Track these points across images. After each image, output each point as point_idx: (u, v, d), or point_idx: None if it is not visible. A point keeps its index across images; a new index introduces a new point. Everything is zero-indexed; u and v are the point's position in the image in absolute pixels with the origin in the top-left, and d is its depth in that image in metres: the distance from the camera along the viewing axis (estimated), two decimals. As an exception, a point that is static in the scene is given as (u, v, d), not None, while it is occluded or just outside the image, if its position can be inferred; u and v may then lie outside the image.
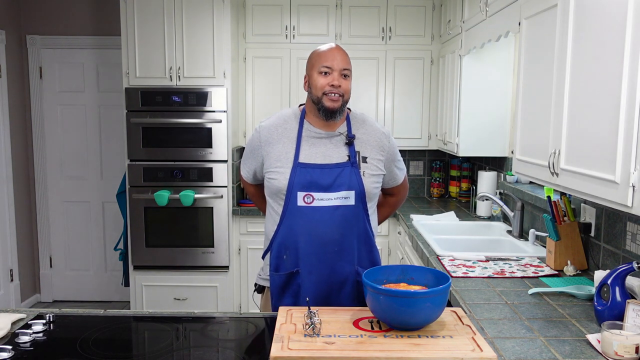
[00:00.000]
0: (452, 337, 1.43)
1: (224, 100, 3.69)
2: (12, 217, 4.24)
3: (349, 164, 1.87)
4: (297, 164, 1.85)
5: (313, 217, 1.84)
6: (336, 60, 1.85)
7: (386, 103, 4.10)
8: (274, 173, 1.88)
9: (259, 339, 1.61)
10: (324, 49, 1.89)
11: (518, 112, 2.23)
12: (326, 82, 1.84)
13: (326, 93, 1.84)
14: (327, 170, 1.85)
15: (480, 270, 2.24)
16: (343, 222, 1.85)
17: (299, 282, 1.87)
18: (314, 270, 1.86)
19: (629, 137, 1.42)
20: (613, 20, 1.49)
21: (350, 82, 1.90)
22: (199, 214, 3.77)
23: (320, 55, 1.88)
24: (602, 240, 2.18)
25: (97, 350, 1.48)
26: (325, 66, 1.85)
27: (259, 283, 2.05)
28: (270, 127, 1.94)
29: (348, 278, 1.89)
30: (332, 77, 1.84)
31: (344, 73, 1.86)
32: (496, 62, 3.35)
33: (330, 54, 1.86)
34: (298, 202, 1.84)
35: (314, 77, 1.87)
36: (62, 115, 4.50)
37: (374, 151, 1.94)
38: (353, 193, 1.86)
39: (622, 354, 1.39)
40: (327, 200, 1.84)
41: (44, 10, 4.40)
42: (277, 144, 1.91)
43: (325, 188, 1.84)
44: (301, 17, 4.00)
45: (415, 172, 4.48)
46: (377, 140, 1.96)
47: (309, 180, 1.84)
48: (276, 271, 1.90)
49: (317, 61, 1.87)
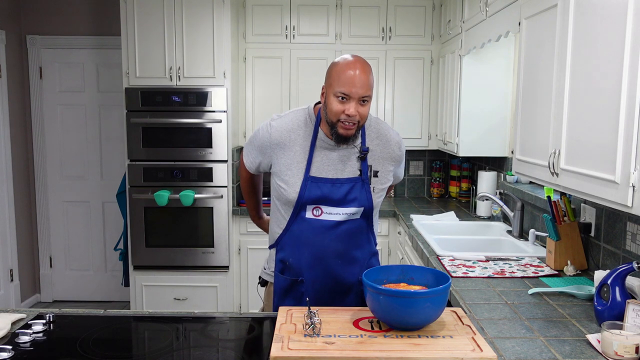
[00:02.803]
0: (452, 337, 1.43)
1: (224, 100, 3.69)
2: (12, 217, 4.24)
3: (360, 180, 1.83)
4: (308, 177, 1.81)
5: (318, 230, 1.83)
6: (355, 87, 1.69)
7: (386, 103, 4.09)
8: (283, 182, 1.84)
9: (259, 339, 1.61)
10: (344, 69, 1.71)
11: (518, 112, 2.23)
12: (342, 109, 1.71)
13: (341, 120, 1.73)
14: (338, 185, 1.81)
15: (480, 270, 2.24)
16: (348, 235, 1.85)
17: (302, 290, 1.87)
18: (317, 280, 1.86)
19: (629, 137, 1.42)
20: (613, 20, 1.49)
21: (369, 105, 1.76)
22: (199, 214, 3.77)
23: (340, 77, 1.71)
24: (602, 240, 2.18)
25: (97, 350, 1.47)
26: (343, 93, 1.70)
27: (263, 277, 2.04)
28: (283, 129, 1.85)
29: (352, 288, 1.89)
30: (350, 106, 1.70)
31: (364, 99, 1.72)
32: (496, 62, 3.35)
33: (350, 79, 1.69)
34: (307, 214, 1.83)
35: (330, 99, 1.73)
36: (62, 115, 4.50)
37: (385, 163, 1.90)
38: (361, 210, 1.84)
39: (622, 354, 1.39)
40: (335, 215, 1.83)
41: (44, 10, 4.40)
42: (289, 150, 1.84)
43: (336, 203, 1.81)
44: (301, 17, 4.00)
45: (415, 172, 4.48)
46: (390, 152, 1.91)
47: (319, 195, 1.80)
48: (281, 273, 1.90)
49: (336, 82, 1.71)
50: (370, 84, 1.74)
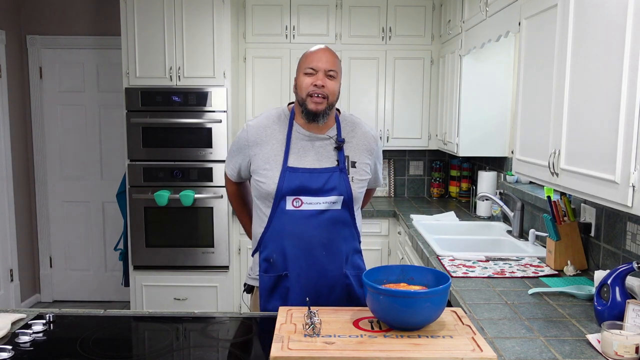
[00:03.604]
0: (452, 337, 1.43)
1: (224, 100, 3.69)
2: (12, 217, 4.24)
3: (337, 169, 1.86)
4: (286, 167, 1.84)
5: (300, 220, 1.84)
6: (321, 61, 1.83)
7: (386, 103, 4.10)
8: (262, 176, 1.87)
9: (259, 339, 1.61)
10: (311, 51, 1.88)
11: (518, 112, 2.23)
12: (310, 82, 1.82)
13: (310, 94, 1.81)
14: (316, 175, 1.84)
15: (480, 270, 2.24)
16: (330, 225, 1.86)
17: (287, 285, 1.87)
18: (302, 273, 1.86)
19: (629, 137, 1.42)
20: (613, 20, 1.49)
21: (337, 84, 1.86)
22: (199, 214, 3.77)
23: (307, 57, 1.86)
24: (602, 240, 2.18)
25: (97, 350, 1.47)
26: (311, 67, 1.83)
27: (248, 283, 2.04)
28: (259, 127, 1.92)
29: (337, 281, 1.89)
30: (317, 77, 1.82)
31: (330, 74, 1.83)
32: (496, 62, 3.35)
33: (316, 55, 1.84)
34: (287, 206, 1.84)
35: (299, 78, 1.86)
36: (62, 115, 4.50)
37: (363, 155, 1.93)
38: (341, 198, 1.86)
39: (622, 354, 1.39)
40: (315, 204, 1.84)
41: (44, 10, 4.40)
42: (266, 145, 1.89)
43: (314, 192, 1.84)
44: (301, 17, 4.00)
45: (415, 172, 4.48)
46: (366, 144, 1.95)
47: (297, 185, 1.83)
48: (265, 272, 1.90)
49: (304, 63, 1.86)
50: (337, 62, 1.86)
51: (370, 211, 3.81)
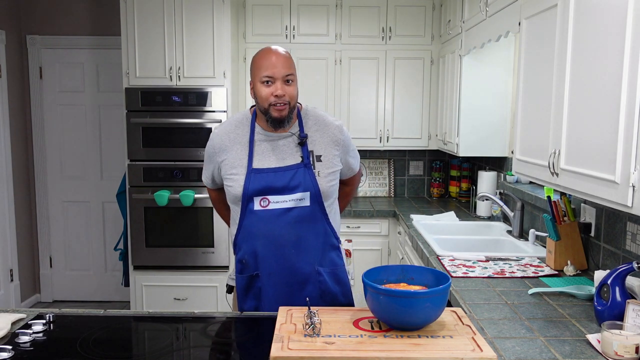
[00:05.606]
0: (452, 337, 1.43)
1: (224, 100, 3.69)
2: (12, 217, 4.24)
3: (302, 165, 1.86)
4: (251, 169, 1.85)
5: (268, 220, 1.84)
6: (277, 68, 1.79)
7: (386, 103, 4.09)
8: (230, 180, 1.88)
9: (259, 339, 1.61)
10: (263, 55, 1.83)
11: (518, 112, 2.23)
12: (270, 93, 1.79)
13: (272, 104, 1.80)
14: (281, 173, 1.84)
15: (480, 270, 2.24)
16: (298, 223, 1.85)
17: (259, 285, 1.88)
18: (273, 272, 1.87)
19: (629, 137, 1.42)
20: (613, 20, 1.49)
21: (296, 85, 1.84)
22: (199, 214, 3.77)
23: (260, 65, 1.82)
24: (602, 240, 2.18)
25: (97, 350, 1.48)
26: (267, 76, 1.79)
27: (229, 283, 2.06)
28: (222, 133, 1.92)
29: (309, 278, 1.88)
30: (276, 87, 1.79)
31: (287, 79, 1.81)
32: (496, 62, 3.35)
33: (270, 62, 1.80)
34: (255, 206, 1.85)
35: (257, 88, 1.83)
36: (62, 115, 4.50)
37: (328, 147, 1.91)
38: (308, 194, 1.85)
39: (622, 354, 1.39)
40: (282, 203, 1.84)
41: (44, 10, 4.40)
42: (231, 150, 1.90)
43: (280, 191, 1.84)
44: (301, 17, 4.00)
45: (415, 172, 4.48)
46: (330, 136, 1.92)
47: (263, 185, 1.83)
48: (240, 273, 1.92)
49: (258, 70, 1.82)
50: (291, 64, 1.84)
51: (370, 211, 3.81)
